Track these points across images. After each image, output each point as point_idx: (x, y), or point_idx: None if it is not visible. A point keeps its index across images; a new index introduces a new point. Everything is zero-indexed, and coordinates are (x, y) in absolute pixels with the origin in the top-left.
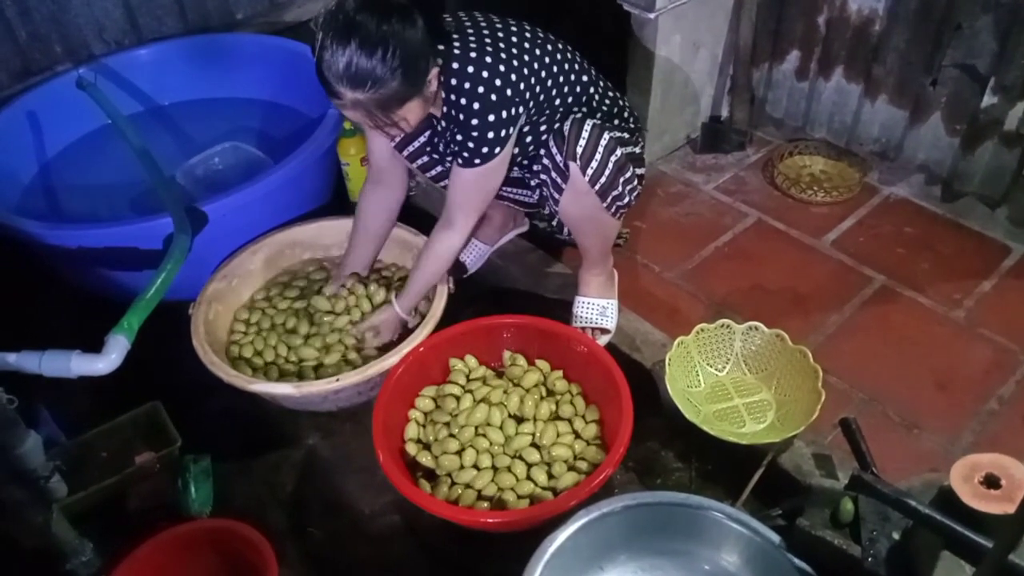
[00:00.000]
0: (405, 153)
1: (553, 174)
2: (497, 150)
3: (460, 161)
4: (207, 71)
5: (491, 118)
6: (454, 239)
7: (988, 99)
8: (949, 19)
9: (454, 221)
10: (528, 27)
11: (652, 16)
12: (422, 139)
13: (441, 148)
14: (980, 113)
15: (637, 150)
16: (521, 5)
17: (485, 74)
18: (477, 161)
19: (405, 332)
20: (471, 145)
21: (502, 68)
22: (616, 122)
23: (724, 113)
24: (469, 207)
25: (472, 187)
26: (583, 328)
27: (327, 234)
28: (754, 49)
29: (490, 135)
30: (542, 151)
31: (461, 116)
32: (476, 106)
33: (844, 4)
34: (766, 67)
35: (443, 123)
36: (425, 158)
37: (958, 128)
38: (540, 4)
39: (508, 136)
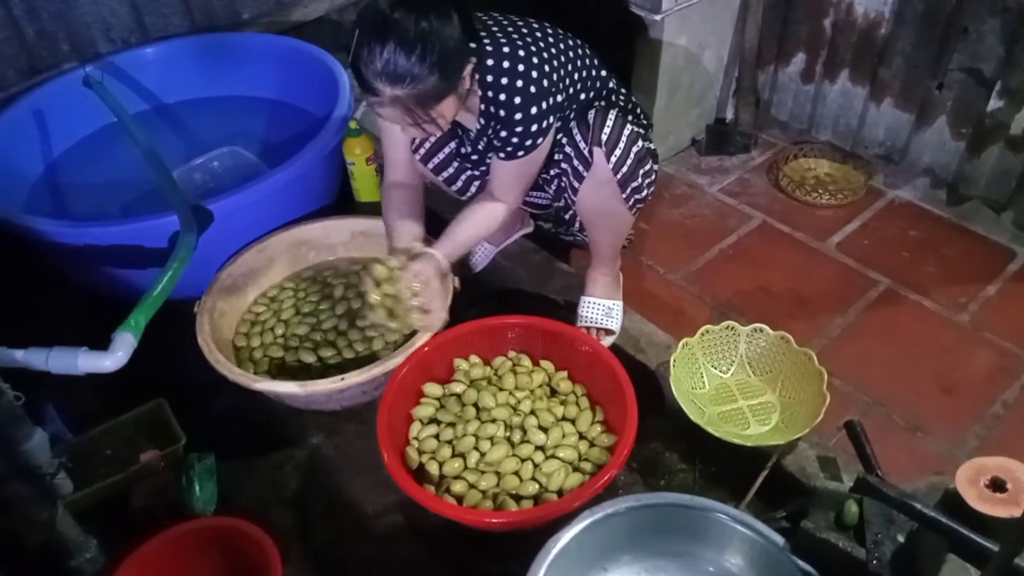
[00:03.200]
0: (430, 165)
1: (575, 162)
2: (540, 140)
3: (502, 155)
4: (213, 70)
5: (533, 110)
6: (501, 208)
7: (994, 103)
8: (956, 23)
9: (500, 199)
10: (548, 24)
11: (658, 18)
12: (447, 150)
13: (474, 157)
14: (986, 117)
15: (651, 145)
16: (529, 5)
17: (521, 67)
18: (520, 153)
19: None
20: (515, 140)
21: (535, 60)
22: (630, 117)
23: (729, 115)
24: (514, 191)
25: (514, 176)
26: (588, 329)
27: (333, 233)
28: (759, 51)
29: (533, 127)
30: (564, 139)
31: (502, 112)
32: (517, 100)
33: (850, 7)
34: (771, 69)
35: (481, 121)
36: (451, 169)
37: (964, 132)
38: (547, 4)
39: (550, 126)
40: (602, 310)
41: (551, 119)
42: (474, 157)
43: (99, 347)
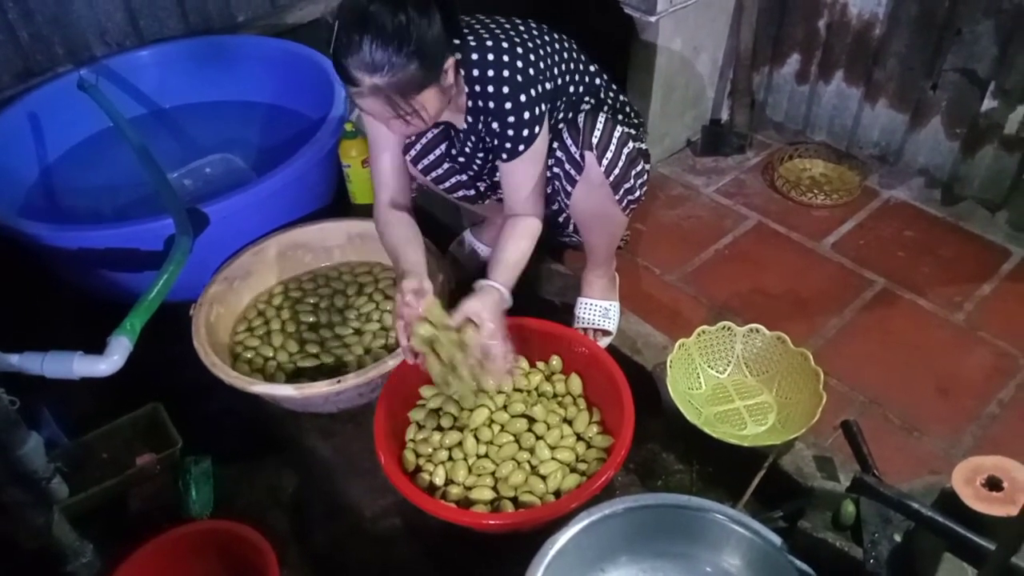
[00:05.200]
0: (420, 166)
1: (567, 166)
2: (536, 129)
3: (504, 156)
4: (208, 73)
5: (522, 98)
6: (532, 221)
7: (988, 103)
8: (950, 24)
9: (523, 212)
10: (534, 23)
11: (653, 19)
12: (439, 151)
13: (461, 159)
14: (980, 117)
15: (643, 146)
16: (523, 7)
17: (506, 58)
18: (521, 147)
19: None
20: (511, 132)
21: (520, 50)
22: (621, 117)
23: (724, 116)
24: (531, 197)
25: (525, 179)
26: (585, 330)
27: (329, 235)
28: (754, 53)
29: (525, 115)
30: (555, 143)
31: (492, 104)
32: (505, 89)
33: (845, 8)
34: (766, 70)
35: (469, 119)
36: (441, 170)
37: (958, 132)
38: (541, 6)
39: (543, 113)
40: (599, 311)
41: (543, 106)
42: (461, 159)
43: (95, 351)
